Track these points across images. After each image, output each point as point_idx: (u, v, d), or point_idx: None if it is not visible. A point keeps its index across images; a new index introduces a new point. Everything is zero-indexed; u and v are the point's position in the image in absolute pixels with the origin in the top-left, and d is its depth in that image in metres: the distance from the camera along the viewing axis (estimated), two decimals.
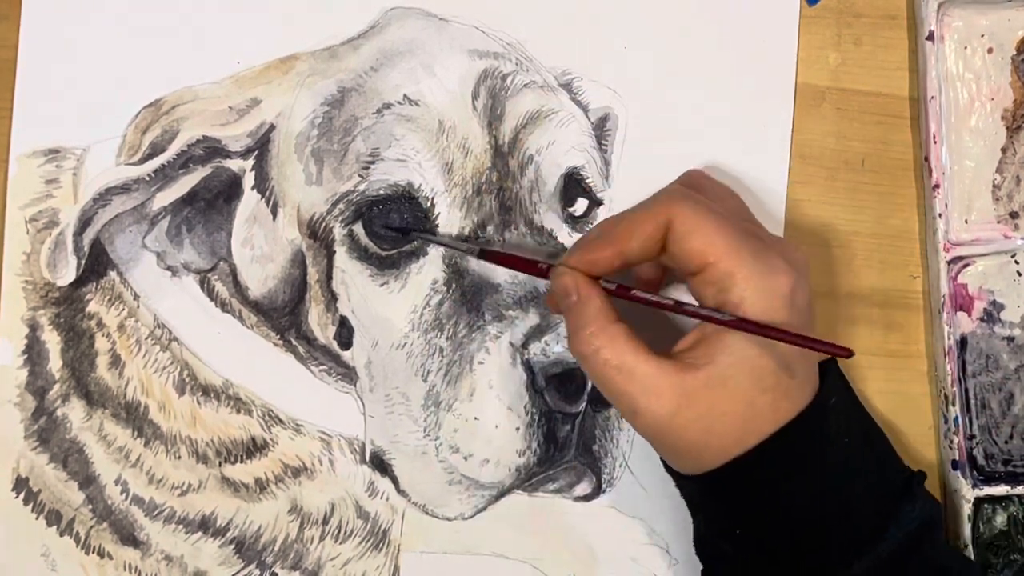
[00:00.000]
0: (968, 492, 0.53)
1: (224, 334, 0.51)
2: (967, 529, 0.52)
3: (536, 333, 0.48)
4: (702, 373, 0.41)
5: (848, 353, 0.39)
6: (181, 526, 0.51)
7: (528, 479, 0.49)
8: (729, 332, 0.41)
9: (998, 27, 0.54)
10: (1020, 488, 0.53)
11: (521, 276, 0.49)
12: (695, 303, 0.43)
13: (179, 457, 0.51)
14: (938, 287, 0.53)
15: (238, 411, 0.51)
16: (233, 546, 0.51)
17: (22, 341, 0.50)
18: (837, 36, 0.55)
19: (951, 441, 0.53)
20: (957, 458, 0.53)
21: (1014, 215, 0.54)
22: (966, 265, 0.54)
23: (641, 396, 0.41)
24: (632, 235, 0.43)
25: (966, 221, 0.54)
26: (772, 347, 0.41)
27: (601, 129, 0.53)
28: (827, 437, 0.43)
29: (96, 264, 0.50)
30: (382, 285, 0.49)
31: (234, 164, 0.50)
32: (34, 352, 0.50)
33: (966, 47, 0.54)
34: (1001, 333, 0.54)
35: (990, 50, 0.54)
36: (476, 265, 0.49)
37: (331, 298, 0.50)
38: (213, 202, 0.50)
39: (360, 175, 0.49)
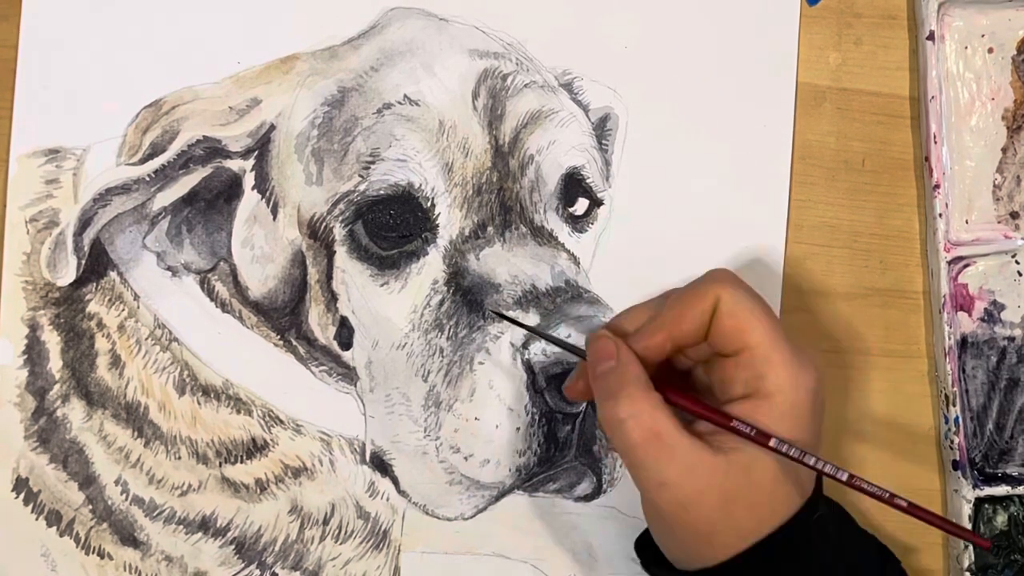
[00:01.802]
0: (968, 492, 0.53)
1: (224, 334, 0.51)
2: None
3: None
4: (726, 459, 0.41)
5: (988, 544, 0.44)
6: (181, 526, 0.51)
7: (528, 479, 0.49)
8: (755, 417, 0.41)
9: (998, 27, 0.54)
10: (1020, 488, 0.53)
11: (521, 276, 0.49)
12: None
13: (179, 457, 0.51)
14: (938, 287, 0.53)
15: (238, 411, 0.51)
16: (233, 546, 0.51)
17: (22, 341, 0.50)
18: (837, 36, 0.55)
19: (951, 441, 0.53)
20: (957, 458, 0.53)
21: (1014, 215, 0.54)
22: (966, 265, 0.54)
23: (672, 467, 0.41)
24: (684, 317, 0.43)
25: (966, 221, 0.54)
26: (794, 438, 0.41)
27: (601, 129, 0.53)
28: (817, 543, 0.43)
29: (96, 264, 0.50)
30: (382, 285, 0.49)
31: (234, 164, 0.50)
32: (34, 352, 0.50)
33: (966, 47, 0.54)
34: (1002, 333, 0.54)
35: (990, 50, 0.54)
36: (476, 265, 0.49)
37: (331, 298, 0.50)
38: (213, 202, 0.50)
39: (360, 175, 0.49)
